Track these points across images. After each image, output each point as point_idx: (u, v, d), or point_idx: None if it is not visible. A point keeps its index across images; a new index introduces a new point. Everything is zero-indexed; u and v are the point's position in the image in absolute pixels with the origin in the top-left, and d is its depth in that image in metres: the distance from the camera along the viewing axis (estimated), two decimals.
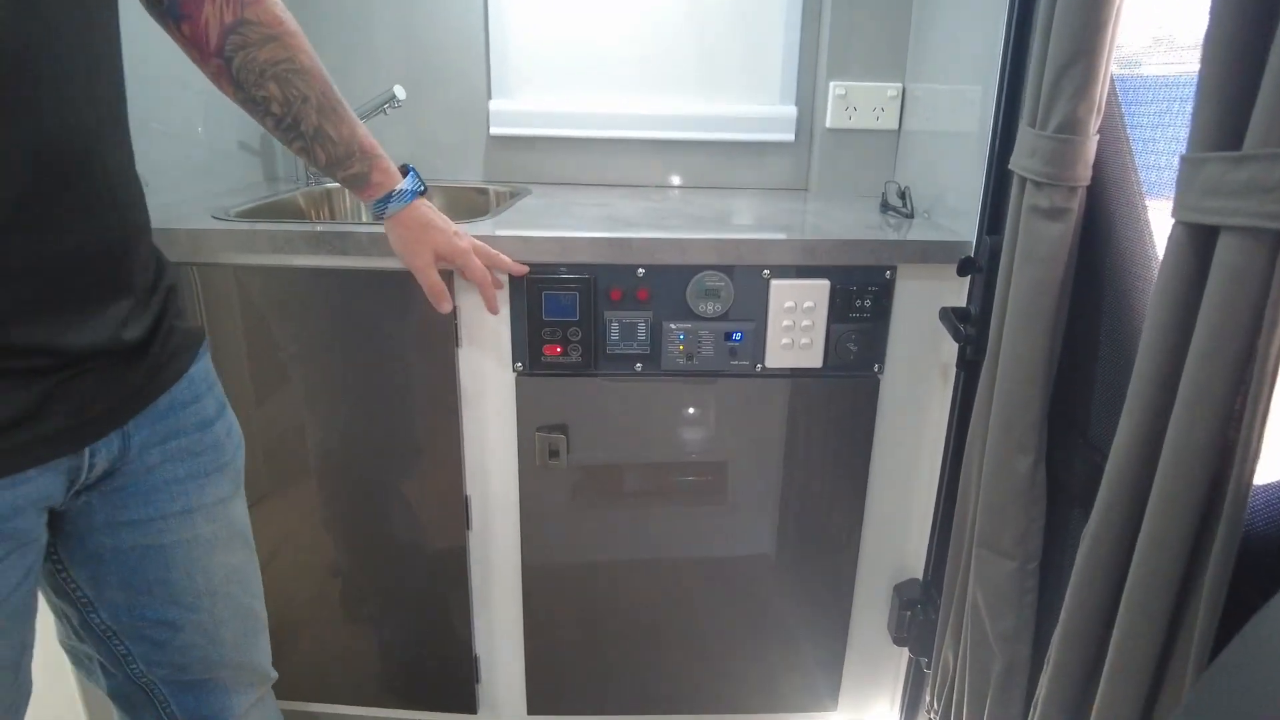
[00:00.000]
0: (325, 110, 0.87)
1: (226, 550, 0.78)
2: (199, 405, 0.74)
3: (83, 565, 0.71)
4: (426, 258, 0.99)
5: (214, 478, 0.76)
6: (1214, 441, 0.56)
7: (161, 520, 0.72)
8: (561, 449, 1.19)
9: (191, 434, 0.73)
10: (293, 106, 0.85)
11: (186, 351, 0.74)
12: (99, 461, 0.66)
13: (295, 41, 0.83)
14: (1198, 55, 0.56)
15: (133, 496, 0.70)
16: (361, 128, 0.91)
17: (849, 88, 1.50)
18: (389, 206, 0.95)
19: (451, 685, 1.35)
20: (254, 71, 0.82)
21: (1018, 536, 0.91)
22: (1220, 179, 0.53)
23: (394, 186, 0.94)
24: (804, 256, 1.12)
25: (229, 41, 0.80)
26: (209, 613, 0.77)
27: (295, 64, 0.83)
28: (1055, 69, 0.77)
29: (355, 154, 0.91)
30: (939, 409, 1.21)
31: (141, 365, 0.68)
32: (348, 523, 1.26)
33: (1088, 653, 0.73)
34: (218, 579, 0.77)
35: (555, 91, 1.59)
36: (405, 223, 0.97)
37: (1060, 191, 0.81)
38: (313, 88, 0.85)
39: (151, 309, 0.69)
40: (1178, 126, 0.78)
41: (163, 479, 0.71)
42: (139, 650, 0.75)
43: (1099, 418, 0.85)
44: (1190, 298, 0.58)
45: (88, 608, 0.73)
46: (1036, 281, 0.84)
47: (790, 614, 1.32)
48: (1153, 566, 0.61)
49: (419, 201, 0.97)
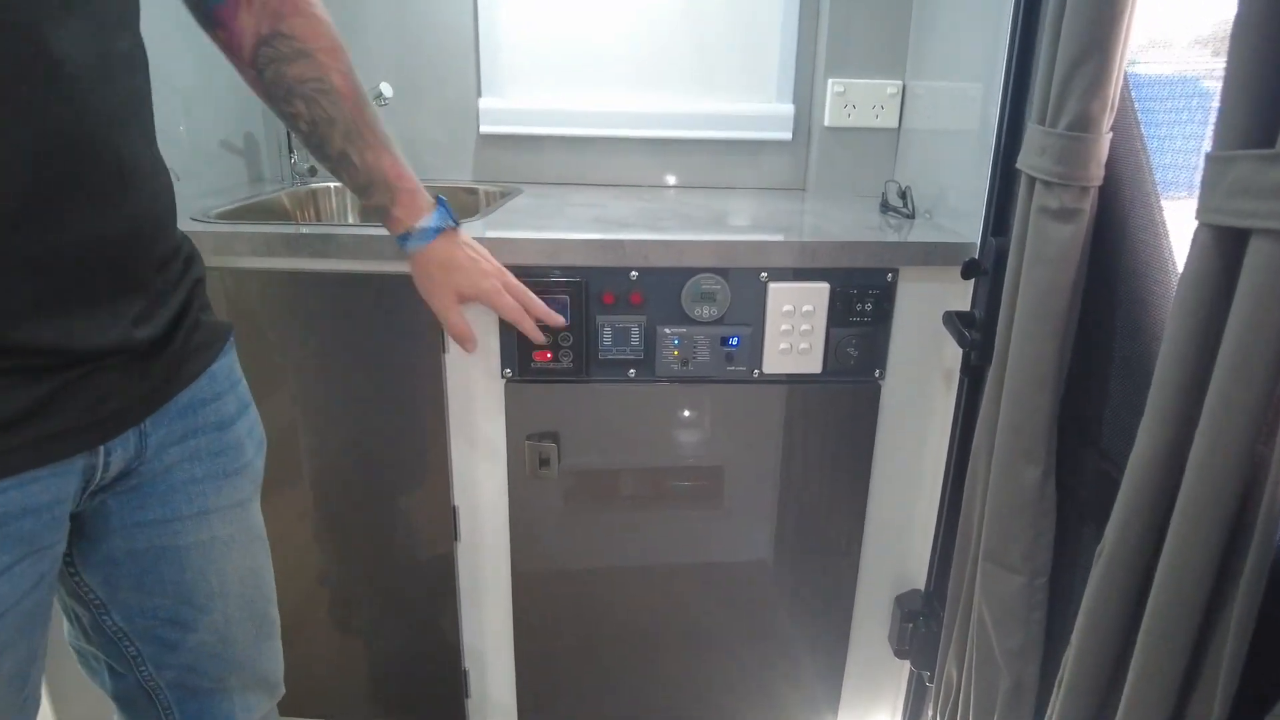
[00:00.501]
0: (351, 135, 0.84)
1: (243, 553, 0.76)
2: (220, 403, 0.72)
3: (97, 568, 0.69)
4: (446, 300, 0.95)
5: (233, 479, 0.74)
6: (1243, 456, 0.53)
7: (178, 521, 0.70)
8: (552, 457, 1.15)
9: (210, 433, 0.71)
10: (318, 127, 0.82)
11: (210, 347, 0.72)
12: (115, 461, 0.63)
13: (329, 59, 0.80)
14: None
15: (149, 497, 0.68)
16: (390, 156, 0.87)
17: (848, 85, 1.47)
18: (407, 244, 0.92)
19: (441, 699, 1.31)
20: (282, 88, 0.80)
21: (1025, 551, 0.88)
22: (1251, 179, 0.50)
23: (414, 224, 0.90)
24: (803, 259, 1.08)
25: (261, 54, 0.78)
26: (221, 613, 0.75)
27: (325, 84, 0.80)
28: (1067, 64, 0.74)
29: (377, 184, 0.87)
30: (942, 416, 1.18)
31: (160, 361, 0.65)
32: (332, 533, 1.22)
33: (1102, 675, 0.70)
34: (232, 581, 0.75)
35: (547, 89, 1.55)
36: (424, 262, 0.93)
37: (1071, 192, 0.77)
38: (341, 110, 0.82)
39: (172, 304, 0.66)
40: (1196, 124, 0.74)
41: (180, 479, 0.69)
42: (149, 651, 0.73)
43: (1112, 427, 0.82)
44: (1216, 304, 0.55)
45: (100, 610, 0.71)
46: (1046, 284, 0.80)
47: (789, 624, 1.29)
48: (1176, 590, 0.58)
49: (442, 240, 0.92)
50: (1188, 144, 0.73)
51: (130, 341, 0.61)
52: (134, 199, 0.61)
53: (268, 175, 1.62)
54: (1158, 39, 0.78)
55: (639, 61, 1.53)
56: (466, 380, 1.13)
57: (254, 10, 0.77)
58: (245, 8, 0.77)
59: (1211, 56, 0.72)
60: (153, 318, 0.63)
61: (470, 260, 0.95)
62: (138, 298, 0.62)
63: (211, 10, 0.77)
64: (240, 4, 0.77)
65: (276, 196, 1.44)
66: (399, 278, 1.07)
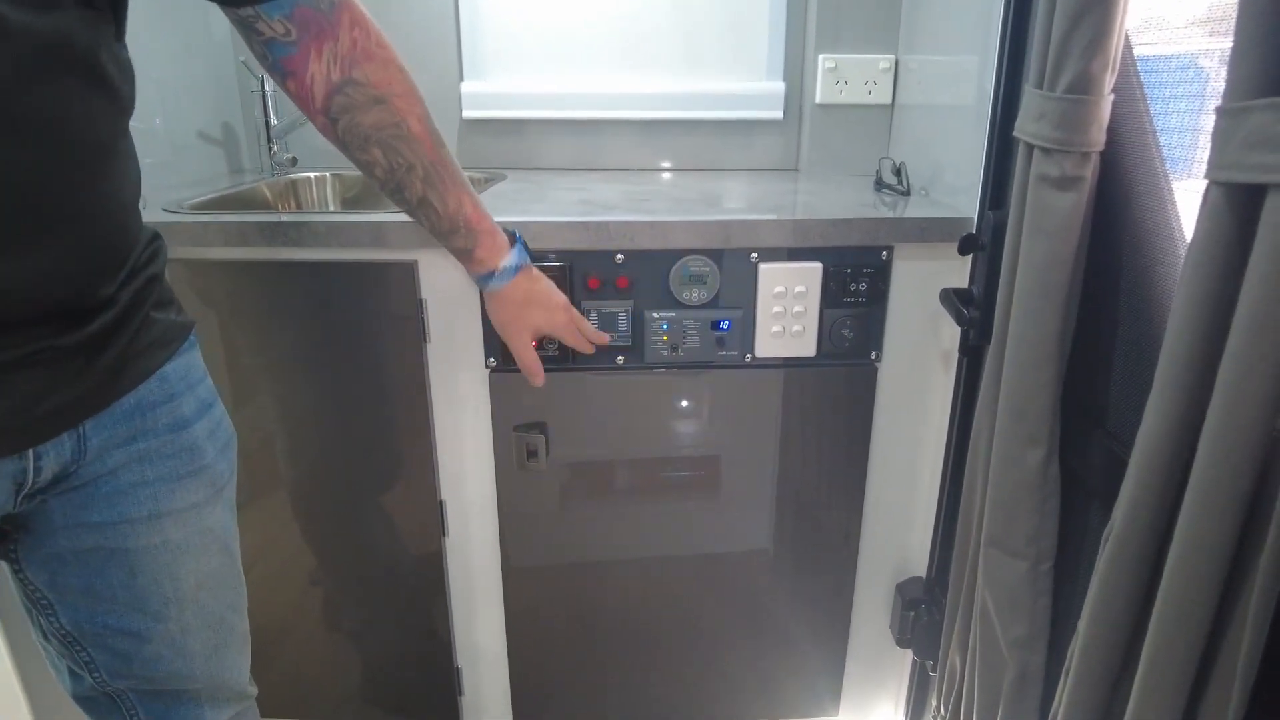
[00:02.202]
0: (431, 180, 0.82)
1: (199, 557, 0.73)
2: (173, 405, 0.69)
3: (41, 566, 0.66)
4: (524, 337, 0.95)
5: (186, 482, 0.70)
6: (1261, 429, 0.49)
7: (127, 524, 0.67)
8: (540, 449, 1.12)
9: (163, 435, 0.68)
10: (396, 173, 0.81)
11: (163, 347, 0.68)
12: (46, 465, 0.60)
13: (405, 104, 0.79)
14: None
15: (93, 498, 0.65)
16: (470, 198, 0.86)
17: (839, 61, 1.43)
18: (490, 283, 0.91)
19: (433, 698, 1.28)
20: (358, 136, 0.78)
21: (1029, 535, 0.84)
22: (1269, 130, 0.46)
23: (498, 265, 0.89)
24: (794, 238, 1.04)
25: (334, 103, 0.76)
26: (177, 622, 0.72)
27: (402, 130, 0.79)
28: (1066, 20, 0.70)
29: (460, 229, 0.86)
30: (941, 398, 1.15)
31: (100, 362, 0.61)
32: (318, 532, 1.19)
33: (1111, 664, 0.67)
34: (187, 586, 0.72)
35: (530, 72, 1.51)
36: (503, 300, 0.92)
37: (1072, 158, 0.74)
38: (419, 155, 0.81)
39: (119, 304, 0.62)
40: (1200, 82, 0.71)
41: (129, 481, 0.66)
42: (103, 660, 0.71)
43: (1119, 405, 0.79)
44: (1230, 268, 0.51)
45: (48, 611, 0.68)
46: (1047, 257, 0.77)
47: (788, 615, 1.26)
48: (1190, 572, 0.54)
49: (521, 277, 0.91)
50: (1194, 104, 0.70)
51: (56, 344, 0.58)
52: (91, 242, 0.58)
53: (248, 166, 1.58)
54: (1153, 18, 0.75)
55: (624, 41, 1.49)
56: (450, 371, 1.10)
57: (324, 58, 0.75)
58: (315, 57, 0.74)
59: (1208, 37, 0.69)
60: (90, 323, 0.60)
61: (545, 296, 0.95)
62: (76, 316, 0.59)
63: (279, 60, 0.74)
64: (310, 52, 0.74)
65: (256, 187, 1.40)
66: (376, 266, 1.04)
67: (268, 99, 1.45)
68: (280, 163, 1.49)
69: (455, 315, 1.07)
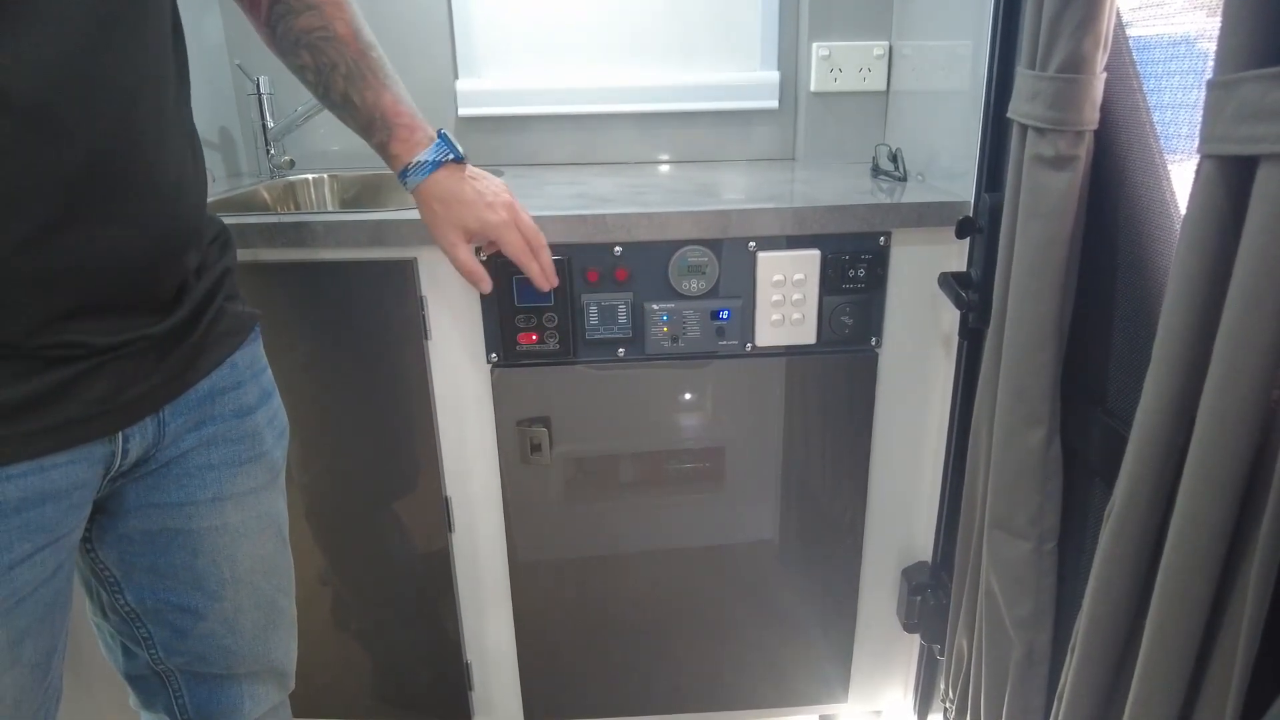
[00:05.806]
0: (353, 77, 0.84)
1: (256, 540, 0.77)
2: (239, 392, 0.73)
3: (113, 545, 0.70)
4: (451, 237, 0.90)
5: (248, 467, 0.74)
6: (1259, 403, 0.49)
7: (192, 506, 0.71)
8: (544, 443, 1.12)
9: (229, 420, 0.72)
10: (323, 74, 0.84)
11: (234, 336, 0.73)
12: (133, 447, 0.64)
13: (335, 11, 0.83)
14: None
15: (165, 480, 0.69)
16: (391, 94, 0.86)
17: (833, 48, 1.42)
18: (407, 180, 0.89)
19: (445, 693, 1.29)
20: (290, 40, 0.83)
21: (1033, 515, 0.84)
22: (1260, 101, 0.46)
23: (411, 158, 0.87)
24: (792, 226, 1.04)
25: (274, 11, 0.82)
26: (232, 602, 0.76)
27: (329, 31, 0.82)
28: (1057, 1, 0.70)
29: (376, 122, 0.86)
30: (942, 382, 1.15)
31: (180, 351, 0.66)
32: (325, 530, 1.20)
33: (1116, 641, 0.67)
34: (243, 569, 0.76)
35: (525, 68, 1.51)
36: (425, 198, 0.89)
37: (1065, 137, 0.74)
38: (343, 54, 0.83)
39: (195, 295, 0.66)
40: (1193, 58, 0.70)
41: (196, 465, 0.70)
42: (160, 635, 0.74)
43: (1118, 383, 0.79)
44: (1224, 241, 0.51)
45: (115, 588, 0.72)
46: (1043, 237, 0.77)
47: (795, 603, 1.26)
48: (1191, 547, 0.54)
49: (443, 173, 0.88)
50: (1187, 80, 0.70)
51: (149, 333, 0.62)
52: (170, 212, 0.61)
53: (245, 170, 1.58)
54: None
55: (617, 34, 1.49)
56: (451, 367, 1.10)
57: None
58: None
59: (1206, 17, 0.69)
60: (173, 312, 0.64)
61: (476, 194, 0.90)
62: (162, 305, 0.63)
63: None
64: None
65: (255, 190, 1.41)
66: (376, 264, 1.04)
67: (264, 102, 1.45)
68: (278, 165, 1.49)
69: (456, 311, 1.07)
